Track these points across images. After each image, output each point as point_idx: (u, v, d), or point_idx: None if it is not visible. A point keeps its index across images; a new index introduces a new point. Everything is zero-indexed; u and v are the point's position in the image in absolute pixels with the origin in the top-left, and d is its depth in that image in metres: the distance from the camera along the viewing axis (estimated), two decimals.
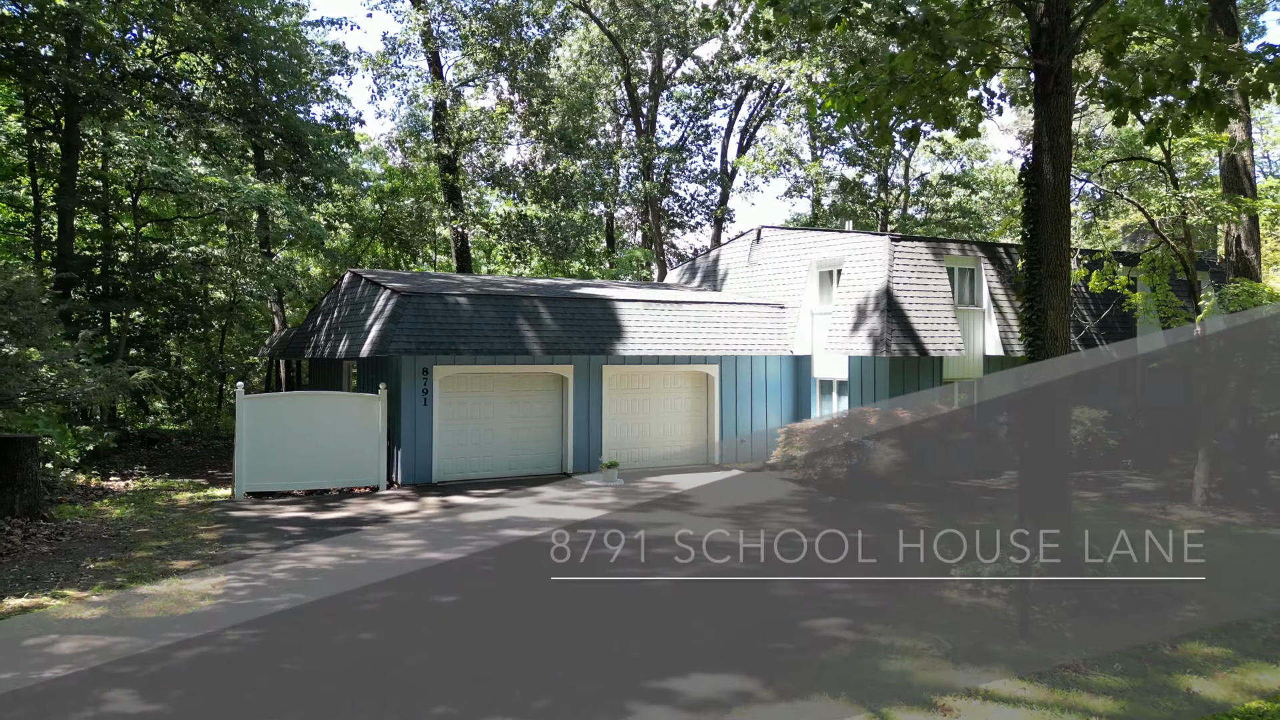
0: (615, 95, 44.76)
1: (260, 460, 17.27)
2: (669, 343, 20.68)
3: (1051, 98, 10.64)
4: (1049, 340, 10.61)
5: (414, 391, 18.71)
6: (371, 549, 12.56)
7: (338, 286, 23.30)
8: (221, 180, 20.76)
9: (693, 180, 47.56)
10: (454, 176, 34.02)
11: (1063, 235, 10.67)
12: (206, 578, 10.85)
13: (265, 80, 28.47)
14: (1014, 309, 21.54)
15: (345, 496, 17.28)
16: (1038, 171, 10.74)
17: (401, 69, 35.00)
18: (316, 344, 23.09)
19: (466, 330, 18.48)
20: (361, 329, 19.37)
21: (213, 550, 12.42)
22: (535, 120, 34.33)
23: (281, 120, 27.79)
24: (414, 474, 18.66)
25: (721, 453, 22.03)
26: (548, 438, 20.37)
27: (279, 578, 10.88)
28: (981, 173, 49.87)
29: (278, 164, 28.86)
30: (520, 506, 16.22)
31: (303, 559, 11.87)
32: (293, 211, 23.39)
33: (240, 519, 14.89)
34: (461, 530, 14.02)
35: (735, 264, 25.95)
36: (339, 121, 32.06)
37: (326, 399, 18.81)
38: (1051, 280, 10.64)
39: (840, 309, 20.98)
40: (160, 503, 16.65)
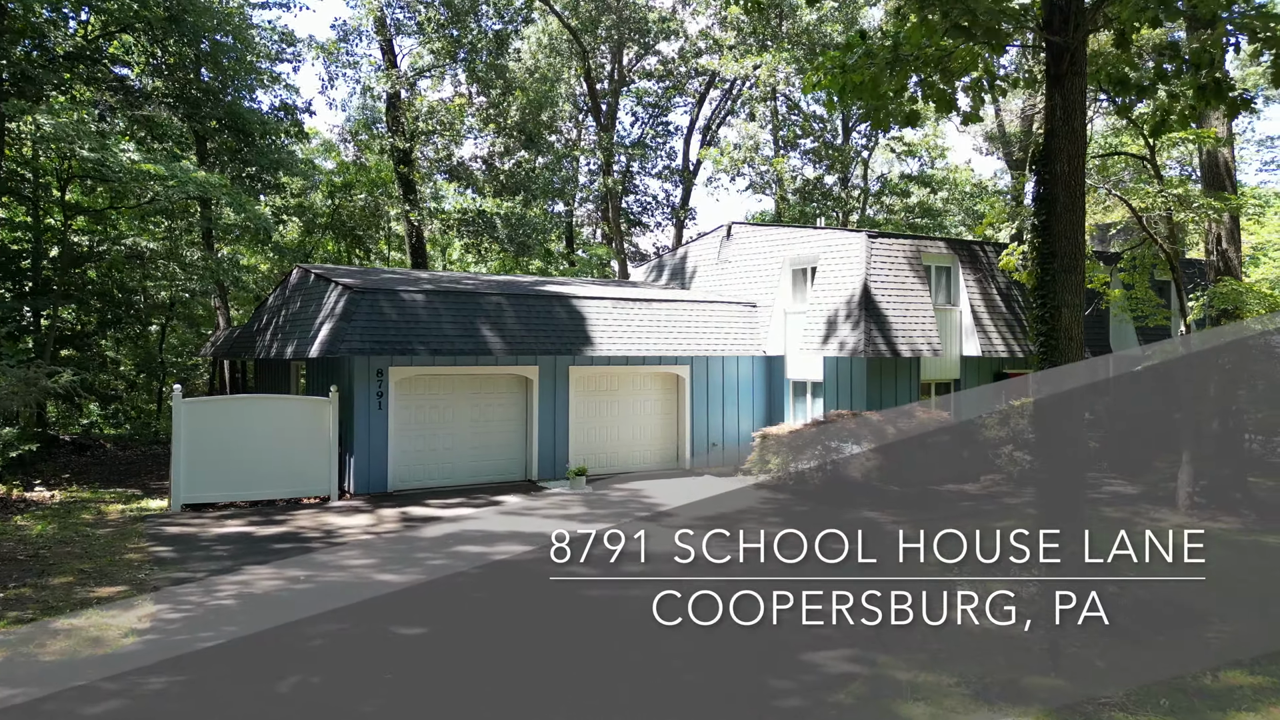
0: (575, 90, 43.68)
1: (200, 469, 15.95)
2: (639, 343, 19.71)
3: (1066, 78, 9.86)
4: (1063, 340, 9.83)
5: (368, 394, 17.50)
6: (322, 570, 11.39)
7: (285, 283, 21.94)
8: (158, 168, 19.28)
9: (654, 177, 46.66)
10: (409, 169, 32.66)
11: (1078, 226, 9.90)
12: (133, 608, 9.61)
13: (207, 66, 26.89)
14: (991, 309, 20.94)
15: (293, 508, 16.03)
16: (1050, 158, 9.96)
17: (354, 57, 33.53)
18: (263, 344, 21.71)
19: (424, 329, 17.33)
20: (311, 328, 18.10)
21: (143, 573, 11.15)
22: (495, 113, 33.09)
23: (225, 108, 26.26)
24: (368, 483, 17.45)
25: (693, 457, 21.11)
26: (511, 443, 19.27)
27: (216, 606, 9.68)
28: (940, 172, 49.74)
29: (221, 153, 27.30)
30: (484, 518, 15.12)
31: (244, 584, 10.67)
32: (237, 202, 21.92)
33: (176, 536, 13.59)
34: (421, 547, 12.90)
35: (704, 261, 25.07)
36: (287, 111, 30.55)
37: (272, 402, 17.51)
38: (1065, 275, 9.86)
39: (815, 308, 20.19)
40: (88, 517, 15.25)
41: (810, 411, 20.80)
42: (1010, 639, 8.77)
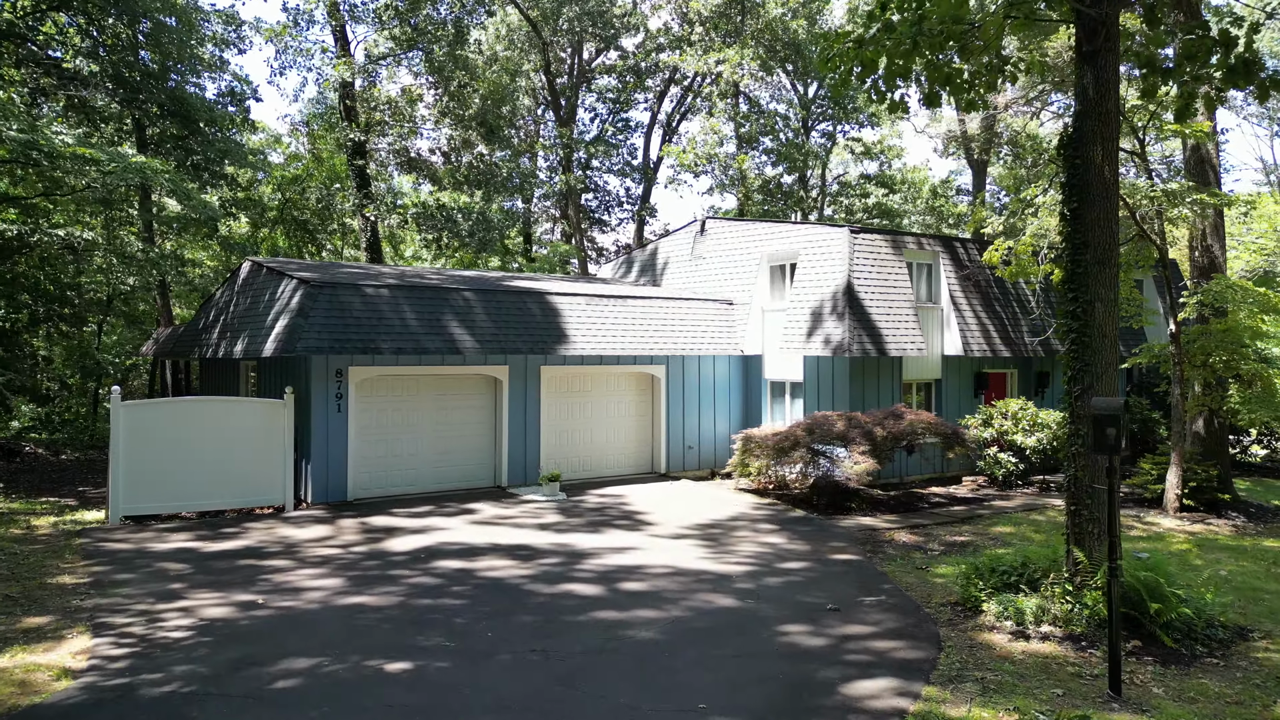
0: (534, 84, 42.55)
1: (141, 478, 14.64)
2: (614, 341, 18.78)
3: (1100, 54, 9.18)
4: (1096, 338, 9.14)
5: (326, 396, 16.32)
6: (286, 593, 10.25)
7: (235, 277, 20.56)
8: (95, 153, 17.79)
9: (614, 174, 45.69)
10: (365, 161, 31.26)
11: (1111, 215, 9.23)
12: (66, 642, 8.40)
13: (148, 48, 25.27)
14: (972, 308, 20.41)
15: (245, 519, 14.79)
16: (1082, 141, 9.27)
17: (306, 43, 32.00)
18: (210, 342, 20.31)
19: (388, 326, 16.19)
20: (264, 325, 16.84)
21: (78, 599, 9.91)
22: (454, 104, 31.83)
23: (168, 93, 24.69)
24: (326, 492, 16.26)
25: (668, 461, 20.23)
26: (479, 447, 18.20)
27: (166, 640, 8.51)
28: (898, 173, 49.60)
29: (163, 141, 25.70)
30: (455, 529, 14.06)
31: (196, 610, 9.50)
32: (181, 190, 20.44)
33: (115, 553, 12.30)
34: (395, 562, 11.82)
35: (677, 257, 24.21)
36: (233, 99, 28.97)
37: (222, 405, 16.21)
38: (1099, 268, 9.18)
39: (796, 306, 19.45)
40: (16, 531, 13.85)
41: (789, 413, 20.07)
42: (1058, 664, 8.03)
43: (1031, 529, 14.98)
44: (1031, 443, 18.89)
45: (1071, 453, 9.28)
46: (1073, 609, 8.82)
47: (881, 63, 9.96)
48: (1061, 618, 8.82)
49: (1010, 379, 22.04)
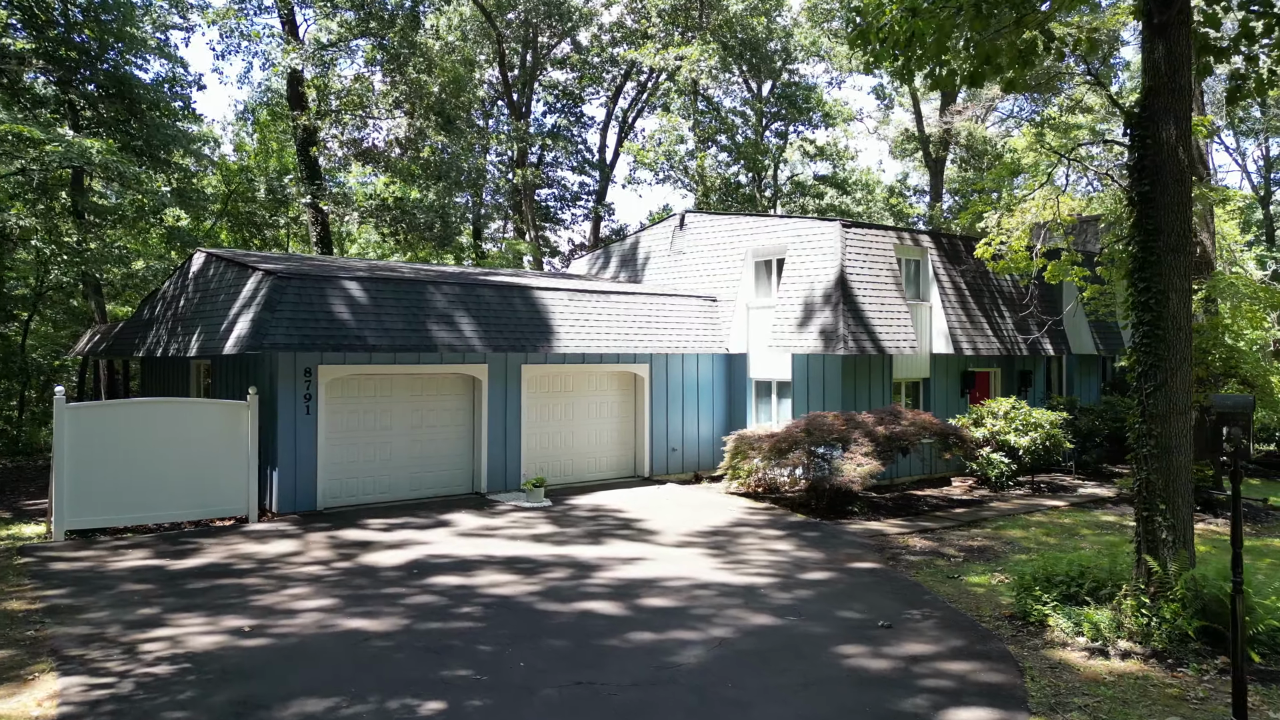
0: (489, 76, 41.28)
1: (88, 488, 13.21)
2: (597, 339, 17.83)
3: (1172, 27, 8.58)
4: (1171, 331, 8.54)
5: (293, 397, 15.06)
6: (272, 617, 9.09)
7: (184, 270, 19.05)
8: (34, 131, 16.20)
9: (570, 170, 44.66)
10: (316, 152, 29.72)
11: (1185, 200, 8.65)
12: (29, 684, 7.16)
13: (88, 27, 23.46)
14: (961, 305, 19.96)
15: (205, 533, 13.46)
16: (1154, 120, 8.66)
17: (253, 26, 30.32)
18: (156, 340, 18.77)
19: (360, 322, 15.00)
20: (222, 321, 15.48)
21: (32, 629, 8.61)
22: (409, 92, 30.46)
23: (107, 75, 22.98)
24: (294, 501, 15.00)
25: (652, 464, 19.35)
26: (457, 451, 17.08)
27: (147, 677, 7.32)
28: (851, 174, 49.50)
29: (100, 125, 23.91)
30: (438, 541, 12.97)
31: (175, 640, 8.30)
32: (129, 173, 18.84)
33: (67, 573, 10.95)
34: (386, 579, 10.71)
35: (656, 252, 23.35)
36: (175, 85, 27.21)
37: (178, 407, 14.81)
38: (1173, 255, 8.58)
39: (784, 302, 18.75)
40: None
41: (775, 413, 19.37)
42: (1155, 685, 7.37)
43: (1042, 532, 14.49)
44: (1025, 443, 18.48)
45: (1142, 455, 8.67)
46: (1149, 622, 8.19)
47: (929, 36, 9.29)
48: (1139, 633, 8.18)
49: (994, 378, 21.69)
